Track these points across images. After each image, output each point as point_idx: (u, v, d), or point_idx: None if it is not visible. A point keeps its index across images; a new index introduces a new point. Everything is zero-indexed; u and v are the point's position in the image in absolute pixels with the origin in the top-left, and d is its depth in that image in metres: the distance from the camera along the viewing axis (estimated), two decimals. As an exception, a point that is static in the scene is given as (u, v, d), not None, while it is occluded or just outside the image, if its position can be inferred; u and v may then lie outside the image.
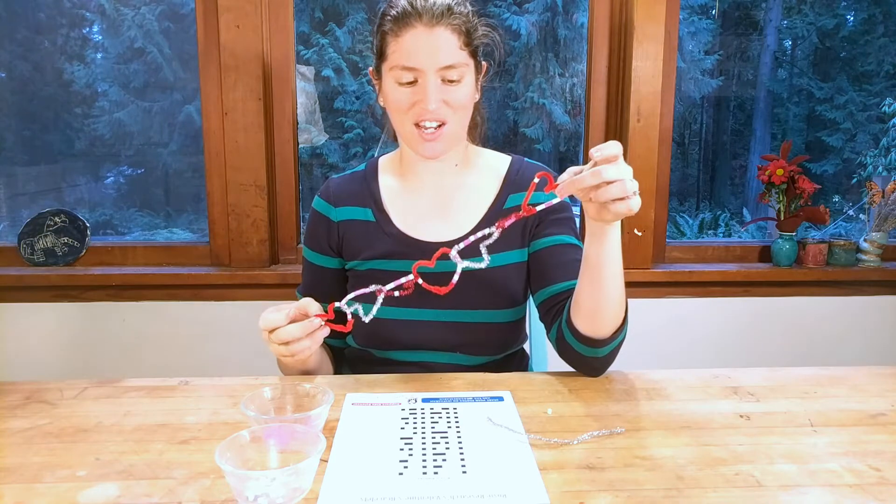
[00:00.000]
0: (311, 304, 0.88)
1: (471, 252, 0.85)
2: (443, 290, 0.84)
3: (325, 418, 0.77)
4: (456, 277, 0.83)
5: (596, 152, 0.74)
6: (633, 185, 0.74)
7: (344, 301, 0.86)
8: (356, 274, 1.06)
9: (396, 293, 0.85)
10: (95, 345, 1.71)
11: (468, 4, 0.96)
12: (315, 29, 4.92)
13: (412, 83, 0.93)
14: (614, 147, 0.74)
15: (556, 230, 1.04)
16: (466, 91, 0.96)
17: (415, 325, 1.00)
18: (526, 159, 1.10)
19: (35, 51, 4.10)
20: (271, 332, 0.86)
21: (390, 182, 1.08)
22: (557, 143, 5.56)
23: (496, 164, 1.08)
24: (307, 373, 1.00)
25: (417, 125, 0.95)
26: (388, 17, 0.93)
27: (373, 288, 0.85)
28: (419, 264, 0.84)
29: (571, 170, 0.78)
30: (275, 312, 0.87)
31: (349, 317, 0.88)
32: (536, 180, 0.80)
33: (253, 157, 1.66)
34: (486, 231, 0.82)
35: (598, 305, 0.88)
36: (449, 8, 0.92)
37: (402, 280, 0.84)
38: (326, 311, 0.89)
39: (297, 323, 0.86)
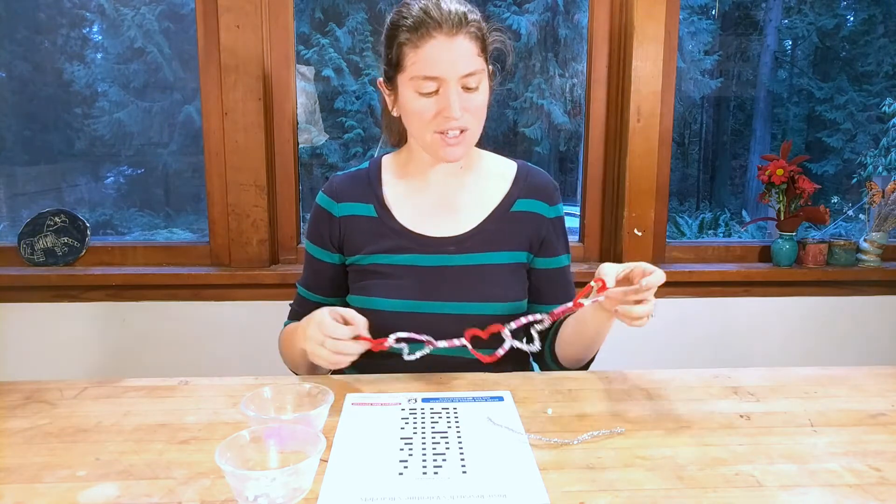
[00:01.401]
0: (357, 317, 0.91)
1: (474, 246, 0.97)
2: (489, 359, 0.89)
3: (325, 418, 0.77)
4: (501, 352, 0.88)
5: (645, 281, 0.85)
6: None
7: (392, 338, 0.90)
8: (357, 268, 1.07)
9: (443, 343, 0.90)
10: (95, 345, 1.71)
11: (477, 11, 0.98)
12: (315, 29, 4.92)
13: (433, 93, 0.95)
14: (661, 277, 0.87)
15: (558, 248, 1.10)
16: (484, 97, 0.98)
17: (419, 318, 1.01)
18: (530, 164, 1.13)
19: (35, 51, 4.10)
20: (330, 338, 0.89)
21: (393, 181, 1.09)
22: (557, 143, 5.56)
23: (502, 167, 1.11)
24: (313, 371, 1.02)
25: (439, 132, 0.96)
26: (404, 28, 0.93)
27: (424, 337, 0.90)
28: (471, 333, 0.89)
29: (612, 271, 0.87)
30: (338, 324, 0.89)
31: (390, 342, 0.91)
32: (594, 285, 0.87)
33: (253, 157, 1.66)
34: (539, 316, 0.88)
35: (583, 355, 1.04)
36: (465, 15, 0.93)
37: (456, 342, 0.89)
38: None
39: (357, 342, 0.89)
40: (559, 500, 0.62)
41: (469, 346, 0.89)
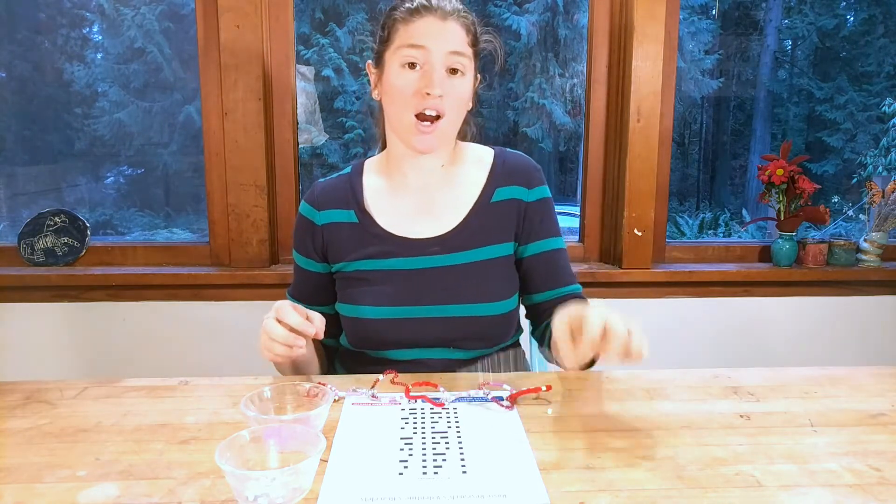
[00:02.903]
0: (314, 317, 0.88)
1: (458, 244, 1.01)
2: (437, 406, 0.85)
3: (325, 418, 0.77)
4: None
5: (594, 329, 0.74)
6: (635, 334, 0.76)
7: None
8: (343, 276, 1.05)
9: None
10: (95, 345, 1.71)
11: (473, 14, 1.00)
12: (315, 29, 4.92)
13: (417, 67, 0.95)
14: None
15: (546, 231, 1.06)
16: (466, 87, 0.98)
17: (407, 324, 1.01)
18: (506, 150, 1.11)
19: (35, 51, 4.11)
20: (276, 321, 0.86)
21: (375, 182, 1.08)
22: (557, 143, 5.56)
23: (480, 156, 1.09)
24: (297, 371, 1.01)
25: (417, 116, 0.95)
26: (401, 9, 0.97)
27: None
28: (416, 385, 0.88)
29: (561, 335, 0.79)
30: (292, 312, 0.85)
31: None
32: (491, 396, 0.84)
33: (253, 157, 1.66)
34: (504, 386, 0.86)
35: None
36: (459, 9, 0.97)
37: (398, 396, 0.87)
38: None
39: (288, 333, 0.85)
40: (559, 500, 0.62)
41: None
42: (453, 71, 0.95)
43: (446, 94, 0.95)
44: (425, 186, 1.05)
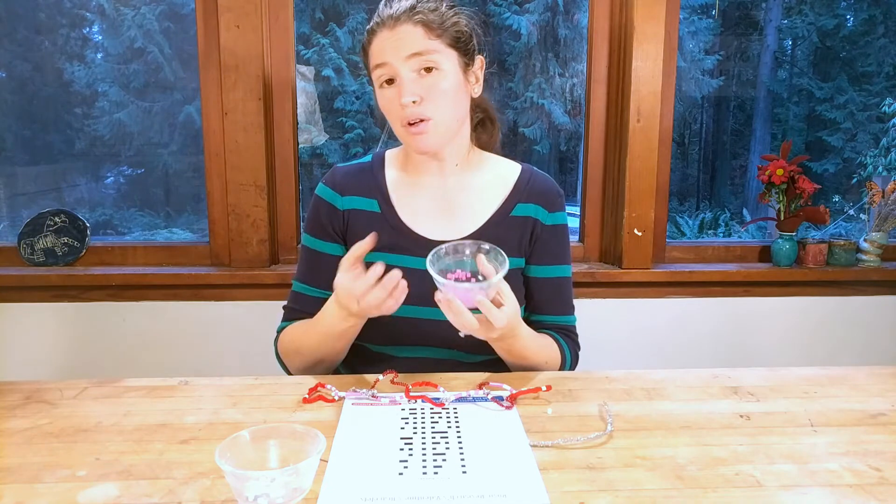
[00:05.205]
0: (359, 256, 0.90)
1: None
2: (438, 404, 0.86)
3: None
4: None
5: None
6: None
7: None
8: None
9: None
10: (95, 345, 1.71)
11: (443, 2, 0.98)
12: (315, 29, 4.92)
13: (391, 82, 0.96)
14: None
15: (558, 257, 1.08)
16: (449, 82, 0.96)
17: (415, 323, 1.01)
18: (534, 169, 1.11)
19: (35, 51, 4.11)
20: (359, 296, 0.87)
21: (395, 176, 1.08)
22: (557, 143, 5.56)
23: (505, 170, 1.10)
24: (332, 364, 1.02)
25: (405, 125, 0.97)
26: (367, 32, 0.99)
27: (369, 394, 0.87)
28: (416, 385, 0.89)
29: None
30: (352, 280, 0.87)
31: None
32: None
33: (253, 157, 1.66)
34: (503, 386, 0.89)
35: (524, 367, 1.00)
36: (411, 7, 0.95)
37: (398, 396, 0.87)
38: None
39: (380, 286, 0.86)
40: (559, 500, 0.62)
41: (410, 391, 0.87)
42: (427, 69, 0.95)
43: (423, 95, 0.94)
44: (443, 186, 1.06)
